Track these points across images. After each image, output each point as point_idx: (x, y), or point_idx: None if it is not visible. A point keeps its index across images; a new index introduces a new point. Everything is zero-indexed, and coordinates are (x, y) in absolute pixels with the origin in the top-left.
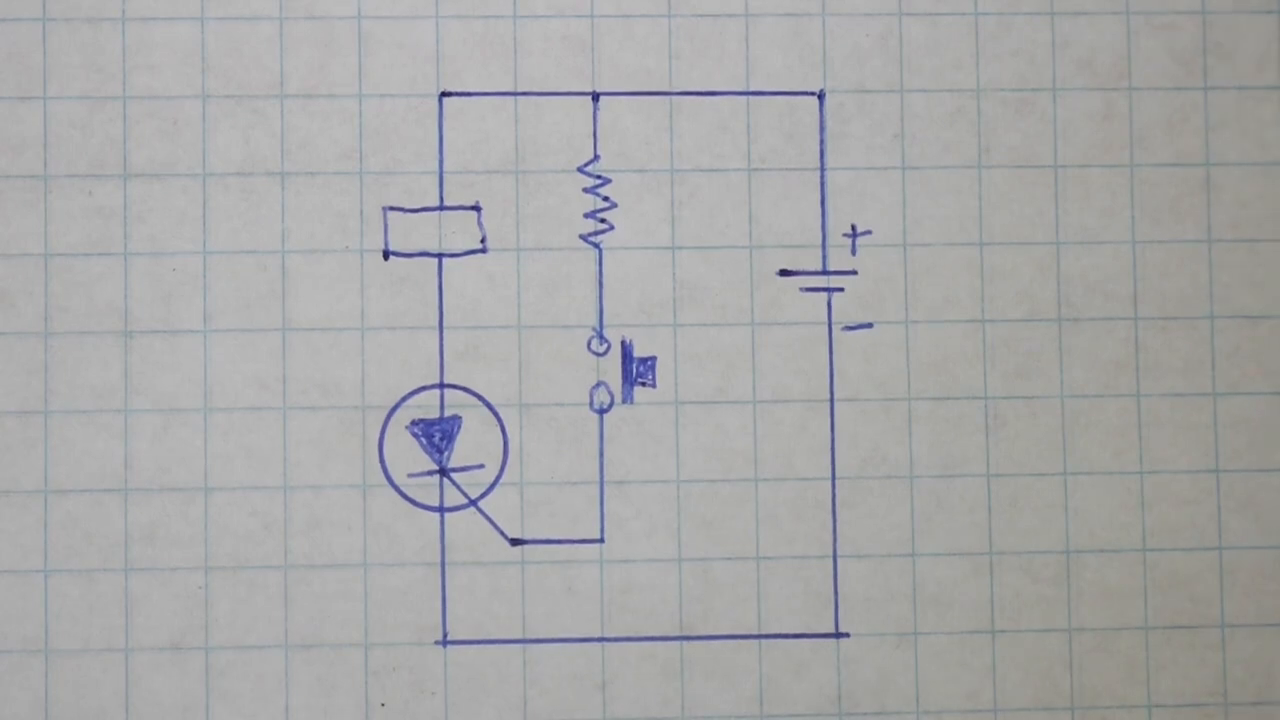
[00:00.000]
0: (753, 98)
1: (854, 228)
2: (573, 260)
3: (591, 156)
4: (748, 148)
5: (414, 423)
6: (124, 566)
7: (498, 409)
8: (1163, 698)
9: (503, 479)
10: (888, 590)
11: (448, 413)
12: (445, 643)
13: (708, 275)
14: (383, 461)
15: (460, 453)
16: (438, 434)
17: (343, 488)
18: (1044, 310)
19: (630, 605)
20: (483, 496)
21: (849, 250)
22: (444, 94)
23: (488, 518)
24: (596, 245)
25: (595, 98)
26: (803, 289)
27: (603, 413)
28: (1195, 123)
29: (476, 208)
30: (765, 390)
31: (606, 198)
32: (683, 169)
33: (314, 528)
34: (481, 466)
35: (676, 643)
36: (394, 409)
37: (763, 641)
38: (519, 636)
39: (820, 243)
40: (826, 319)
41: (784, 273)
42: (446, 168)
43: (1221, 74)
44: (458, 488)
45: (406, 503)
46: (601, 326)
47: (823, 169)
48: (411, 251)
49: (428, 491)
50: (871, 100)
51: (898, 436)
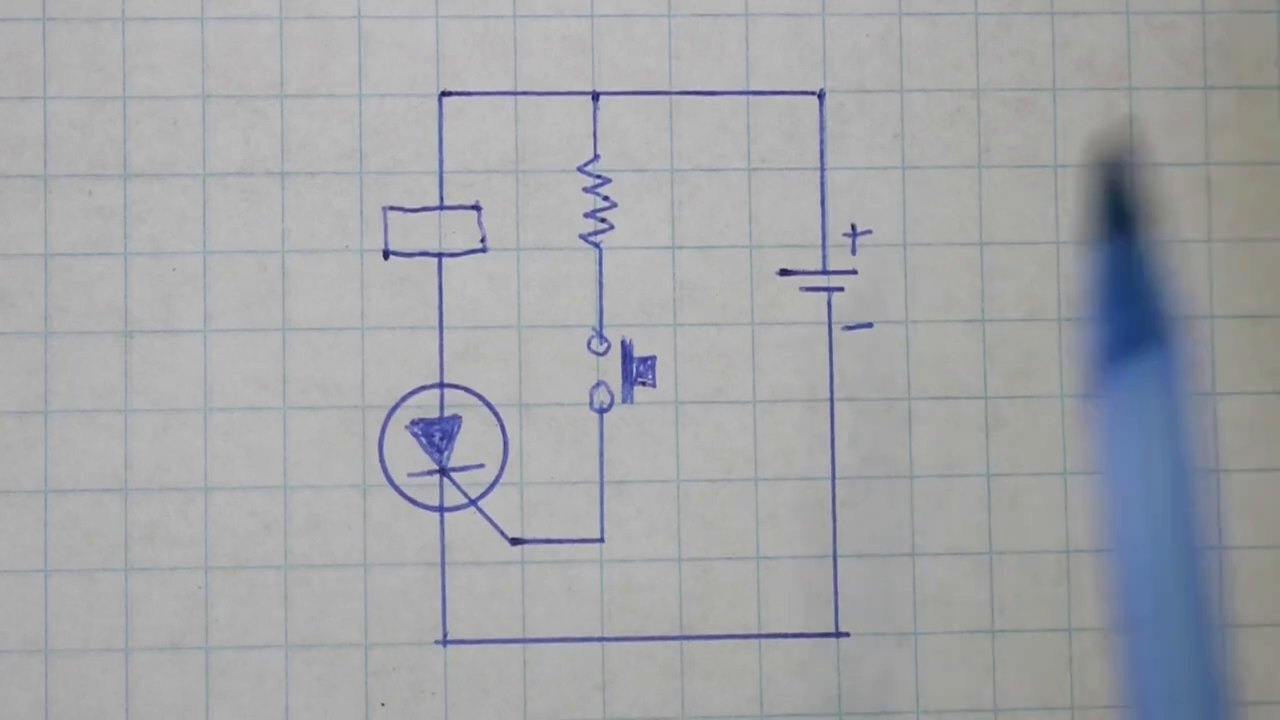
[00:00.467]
0: (753, 98)
1: (854, 227)
2: (573, 260)
3: (591, 156)
4: (748, 148)
5: (414, 422)
6: (124, 566)
7: (498, 409)
8: None
9: (503, 479)
10: (888, 590)
11: (448, 413)
12: (445, 643)
13: (708, 275)
14: (383, 461)
15: (460, 452)
16: (438, 434)
17: (343, 488)
18: (1044, 310)
19: (630, 605)
20: (483, 496)
21: (849, 250)
22: (444, 94)
23: (488, 518)
24: (596, 245)
25: (595, 98)
26: (803, 289)
27: (603, 412)
28: (1195, 123)
29: (476, 208)
30: (765, 390)
31: (606, 197)
32: (683, 169)
33: (314, 528)
34: (481, 466)
35: (676, 643)
36: (394, 409)
37: (763, 641)
38: (519, 636)
39: (820, 242)
40: (826, 319)
41: (784, 272)
42: (446, 168)
43: (1221, 74)
44: (458, 487)
45: (406, 502)
46: (601, 326)
47: (823, 169)
48: (411, 251)
49: (428, 491)
50: (871, 100)
51: (898, 436)
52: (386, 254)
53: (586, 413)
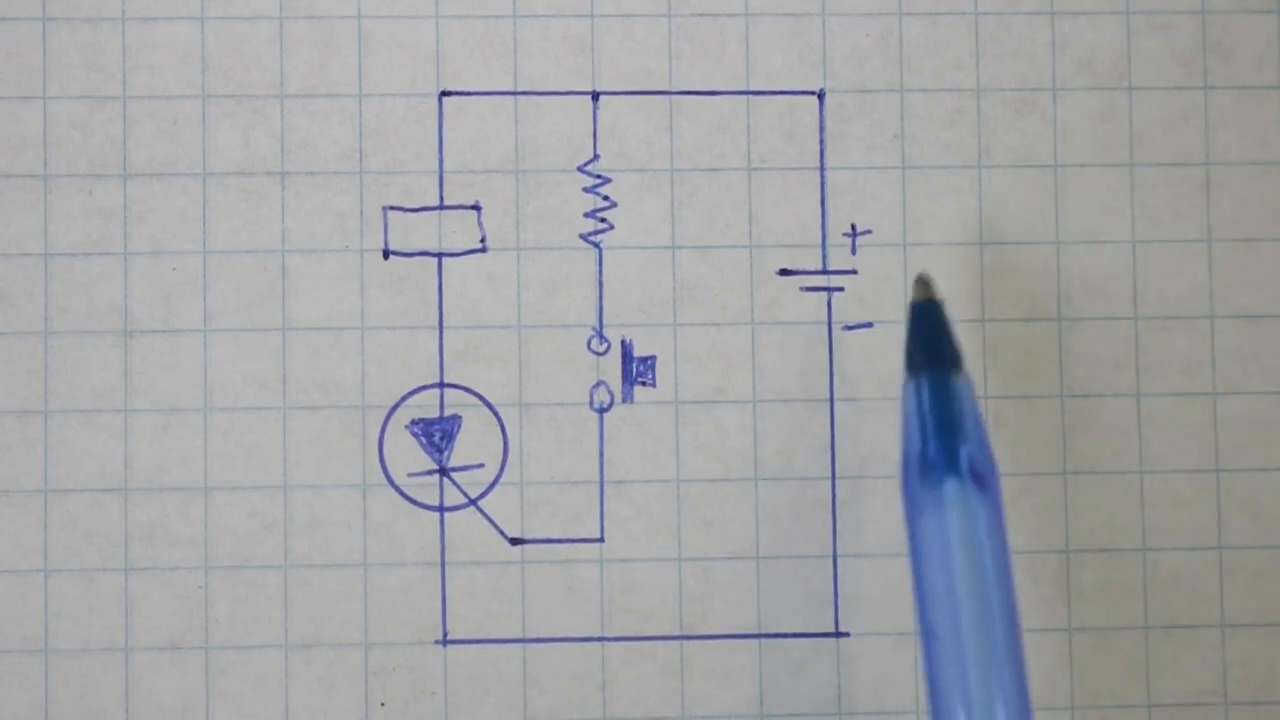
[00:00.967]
0: (753, 97)
1: (854, 227)
2: (573, 260)
3: (591, 156)
4: (748, 148)
5: (414, 422)
6: (124, 566)
7: (498, 409)
8: (1163, 698)
9: (503, 479)
10: (888, 590)
11: (448, 412)
12: (445, 642)
13: (708, 275)
14: (383, 461)
15: (460, 452)
16: (438, 433)
17: (343, 487)
18: (1044, 310)
19: (630, 605)
20: (483, 496)
21: (849, 250)
22: (444, 94)
23: (488, 517)
24: (596, 245)
25: (595, 97)
26: (803, 289)
27: (603, 412)
28: (1195, 123)
29: (476, 207)
30: (765, 390)
31: (606, 197)
32: (683, 169)
33: (314, 528)
34: (481, 466)
35: (676, 642)
36: (394, 409)
37: (763, 641)
38: (519, 636)
39: (820, 242)
40: (826, 319)
41: (784, 272)
42: (446, 167)
43: (1221, 74)
44: (458, 487)
45: (406, 502)
46: (601, 326)
47: (823, 169)
48: (411, 251)
49: (428, 491)
50: (871, 100)
51: (898, 436)
52: (386, 254)
53: (586, 413)
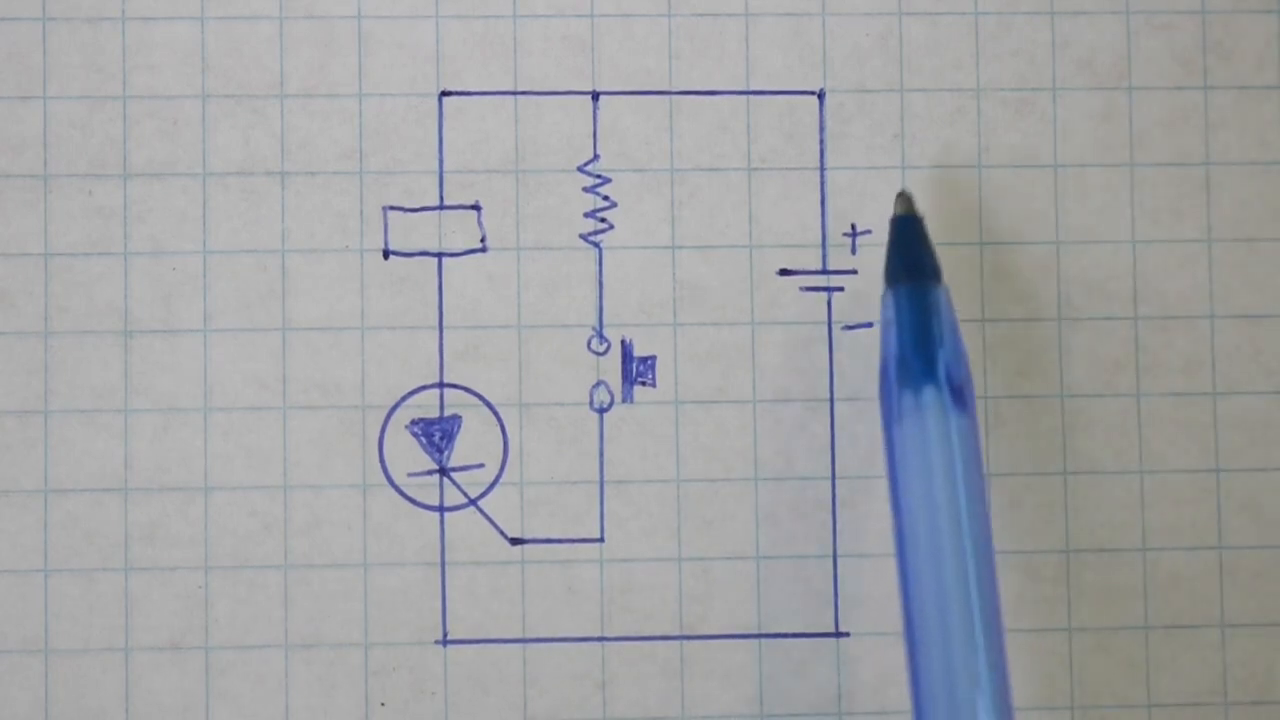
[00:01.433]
0: (753, 97)
1: (854, 227)
2: (573, 260)
3: (591, 156)
4: (748, 148)
5: (414, 422)
6: (124, 566)
7: (498, 409)
8: (1163, 698)
9: (503, 478)
10: (888, 590)
11: (448, 412)
12: (445, 642)
13: (708, 275)
14: (383, 461)
15: (460, 452)
16: (438, 433)
17: (343, 487)
18: (1044, 310)
19: (630, 605)
20: (483, 496)
21: (849, 250)
22: (444, 94)
23: (488, 517)
24: (596, 245)
25: (595, 97)
26: (802, 289)
27: (603, 412)
28: (1195, 123)
29: (476, 207)
30: (765, 390)
31: (606, 197)
32: (683, 169)
33: (314, 528)
34: (481, 466)
35: (676, 642)
36: (394, 409)
37: (763, 641)
38: (519, 636)
39: (820, 242)
40: (826, 319)
41: (784, 272)
42: (446, 167)
43: (1221, 74)
44: (458, 487)
45: (406, 502)
46: (601, 326)
47: (822, 169)
48: (411, 251)
49: (428, 491)
50: (871, 100)
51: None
52: (386, 254)
53: (586, 413)
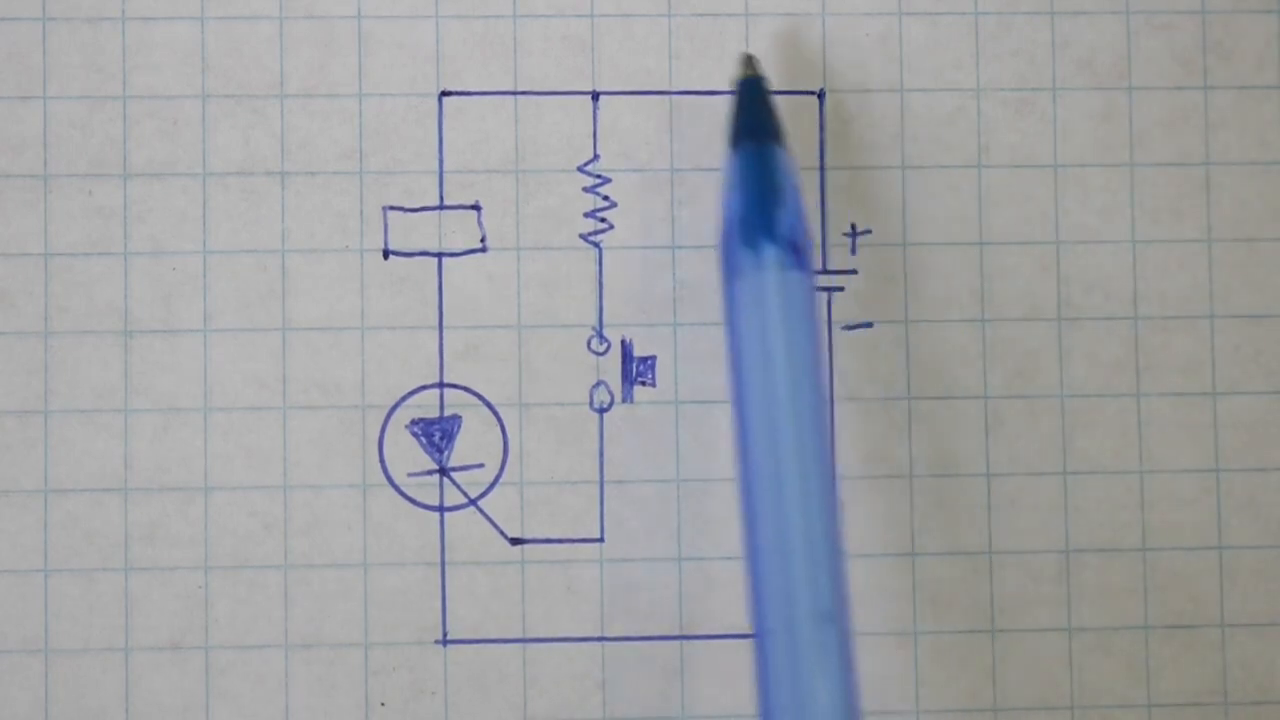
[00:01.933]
0: None
1: (854, 227)
2: (573, 260)
3: (591, 156)
4: None
5: (414, 422)
6: (124, 566)
7: (498, 408)
8: (1163, 698)
9: (503, 478)
10: (887, 590)
11: (448, 412)
12: (445, 642)
13: (708, 275)
14: (383, 461)
15: (460, 452)
16: (438, 433)
17: (343, 487)
18: (1044, 310)
19: (630, 605)
20: (483, 496)
21: (849, 250)
22: (444, 94)
23: (488, 517)
24: (596, 245)
25: (595, 97)
26: None
27: (603, 412)
28: (1195, 123)
29: (476, 207)
30: None
31: (606, 197)
32: (683, 169)
33: (314, 527)
34: (481, 466)
35: (676, 642)
36: (394, 408)
37: None
38: (519, 636)
39: (820, 242)
40: (827, 319)
41: None
42: (446, 167)
43: (1221, 74)
44: (458, 487)
45: (406, 502)
46: (601, 326)
47: (822, 169)
48: (411, 251)
49: (428, 491)
50: (871, 100)
51: (898, 436)
52: (386, 254)
53: (586, 412)
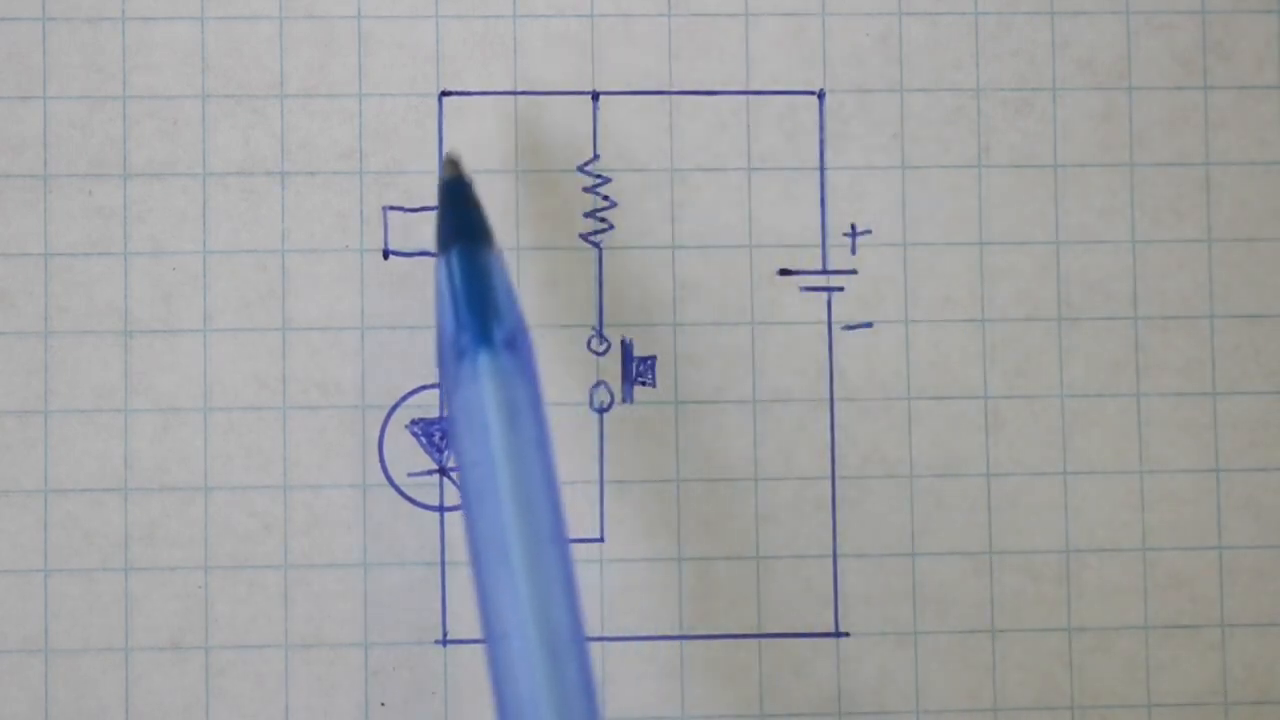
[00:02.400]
0: (753, 97)
1: (854, 227)
2: (573, 260)
3: (591, 156)
4: (748, 147)
5: (414, 422)
6: (124, 566)
7: None
8: (1163, 698)
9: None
10: (888, 590)
11: (447, 412)
12: (445, 643)
13: (708, 275)
14: (383, 461)
15: None
16: (438, 433)
17: (343, 487)
18: (1044, 310)
19: (630, 605)
20: None
21: (849, 250)
22: (444, 94)
23: None
24: (596, 245)
25: (595, 97)
26: (803, 289)
27: (603, 412)
28: (1195, 123)
29: None
30: (765, 390)
31: (606, 197)
32: (683, 169)
33: (314, 527)
34: None
35: (676, 642)
36: (394, 408)
37: (763, 641)
38: None
39: (820, 242)
40: (826, 319)
41: (784, 272)
42: None
43: (1221, 74)
44: (458, 487)
45: (406, 502)
46: (601, 326)
47: (822, 169)
48: (411, 251)
49: (428, 491)
50: (871, 100)
51: (898, 436)
52: (386, 254)
53: (586, 413)
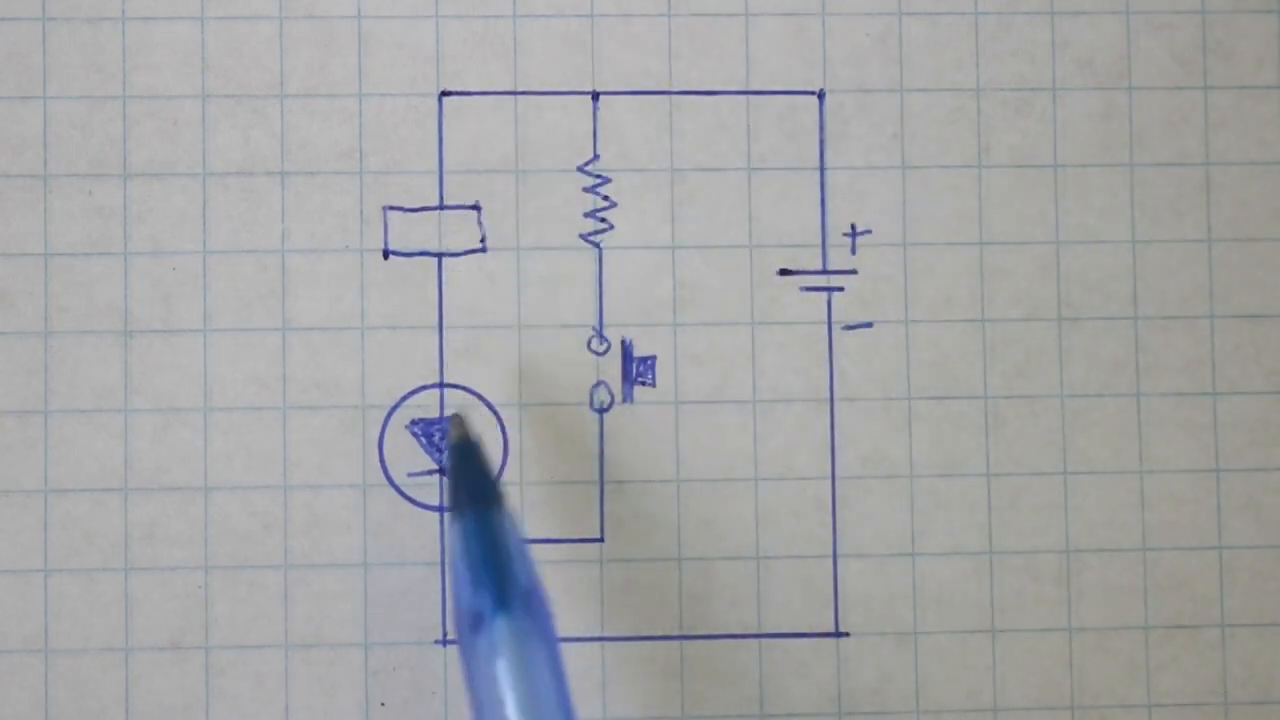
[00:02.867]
0: (753, 97)
1: (854, 227)
2: (573, 260)
3: (591, 156)
4: (748, 147)
5: (414, 422)
6: (124, 566)
7: (498, 408)
8: (1163, 698)
9: (502, 479)
10: (888, 590)
11: (448, 412)
12: (445, 642)
13: (708, 275)
14: (383, 461)
15: None
16: (438, 434)
17: (343, 487)
18: (1044, 310)
19: (630, 605)
20: None
21: (849, 250)
22: (444, 94)
23: None
24: (596, 245)
25: (595, 97)
26: (803, 289)
27: (603, 412)
28: (1195, 123)
29: (476, 207)
30: (765, 390)
31: (606, 197)
32: (683, 169)
33: (314, 527)
34: None
35: (676, 642)
36: (394, 408)
37: (763, 641)
38: None
39: (820, 242)
40: (826, 319)
41: (784, 272)
42: (446, 167)
43: (1221, 74)
44: None
45: (406, 502)
46: (601, 326)
47: (822, 169)
48: (411, 251)
49: (428, 491)
50: (871, 100)
51: (898, 436)
52: (386, 254)
53: (586, 413)
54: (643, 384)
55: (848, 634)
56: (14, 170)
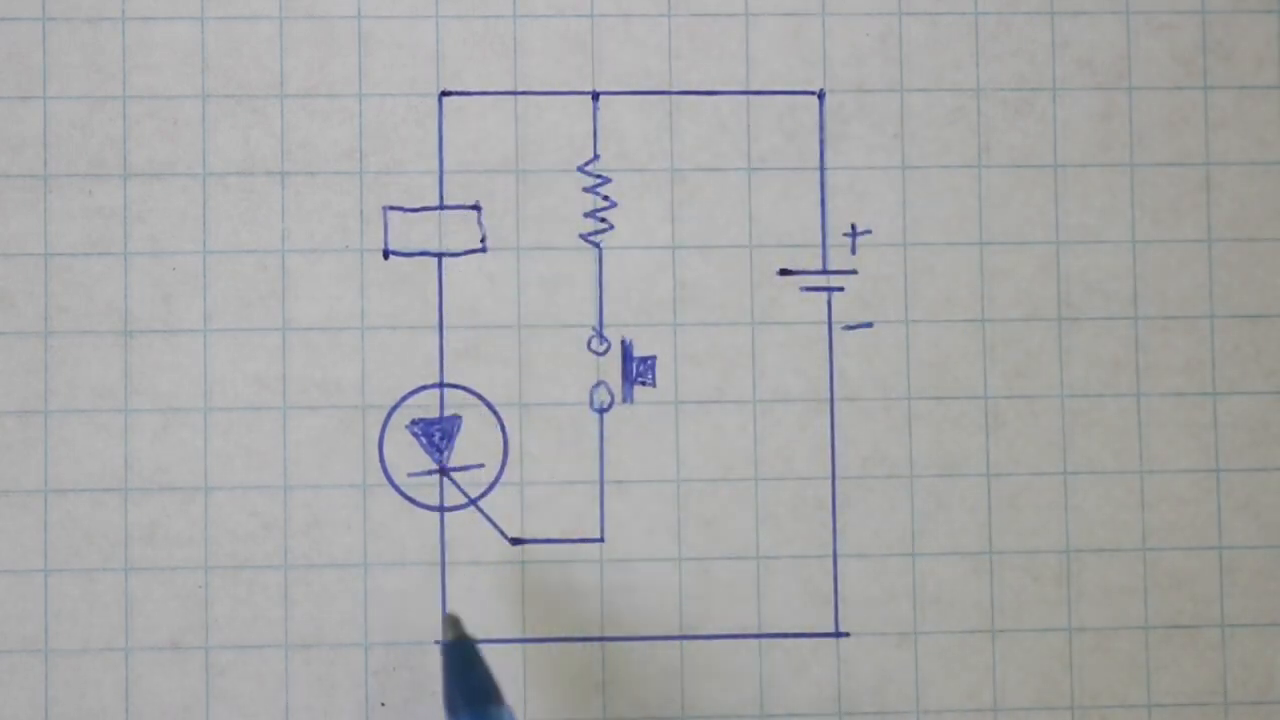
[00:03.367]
0: (753, 97)
1: (854, 227)
2: (573, 260)
3: (591, 156)
4: (748, 147)
5: (414, 422)
6: (124, 566)
7: (498, 409)
8: (1163, 698)
9: (503, 479)
10: (888, 590)
11: (448, 412)
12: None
13: (708, 275)
14: (383, 461)
15: (460, 452)
16: (438, 433)
17: (343, 487)
18: (1044, 310)
19: (630, 605)
20: (483, 496)
21: (849, 250)
22: (444, 94)
23: (488, 517)
24: (596, 245)
25: (595, 97)
26: (803, 289)
27: (603, 412)
28: (1195, 123)
29: (476, 207)
30: (765, 390)
31: (606, 197)
32: (683, 169)
33: (314, 527)
34: (481, 466)
35: (676, 642)
36: (394, 409)
37: (763, 641)
38: (519, 636)
39: (820, 242)
40: (826, 319)
41: (784, 272)
42: (446, 167)
43: (1221, 74)
44: (458, 487)
45: (406, 502)
46: (601, 326)
47: (822, 169)
48: (411, 251)
49: (428, 491)
50: (871, 100)
51: (898, 436)
52: (386, 254)
53: (586, 413)
54: (643, 384)
55: (848, 634)
56: (14, 170)
